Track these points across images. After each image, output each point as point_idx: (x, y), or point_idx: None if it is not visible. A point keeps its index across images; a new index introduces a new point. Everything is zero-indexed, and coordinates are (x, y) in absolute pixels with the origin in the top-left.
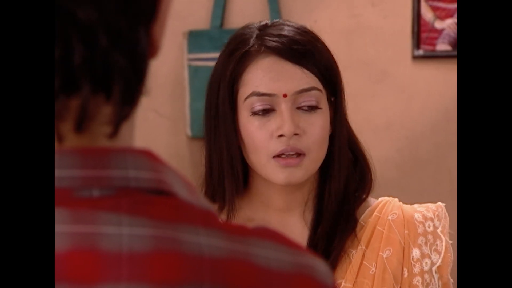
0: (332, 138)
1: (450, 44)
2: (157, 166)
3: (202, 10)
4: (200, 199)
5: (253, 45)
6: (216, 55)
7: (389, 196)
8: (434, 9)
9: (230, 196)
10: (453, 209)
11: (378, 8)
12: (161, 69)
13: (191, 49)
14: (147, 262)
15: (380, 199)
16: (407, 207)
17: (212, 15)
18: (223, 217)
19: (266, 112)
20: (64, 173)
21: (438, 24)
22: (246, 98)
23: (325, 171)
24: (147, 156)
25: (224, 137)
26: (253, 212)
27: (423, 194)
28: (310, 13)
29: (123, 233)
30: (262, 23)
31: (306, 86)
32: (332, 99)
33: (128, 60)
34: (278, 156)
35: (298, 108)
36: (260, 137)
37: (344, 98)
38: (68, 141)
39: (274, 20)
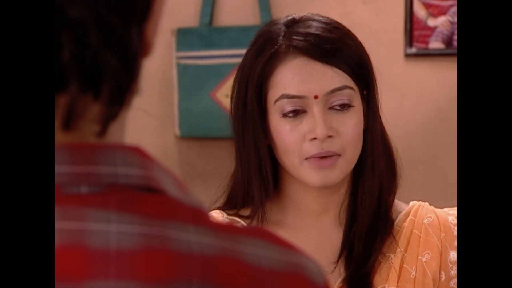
0: (365, 133)
1: (443, 42)
2: (146, 163)
3: (191, 7)
4: (190, 197)
5: (281, 45)
6: (205, 53)
7: None
8: (427, 6)
9: (259, 199)
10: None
11: (370, 6)
12: (149, 68)
13: (179, 47)
14: (135, 260)
15: (412, 203)
16: (439, 210)
17: (201, 12)
18: (250, 223)
19: (297, 114)
20: None
21: (431, 22)
22: (276, 100)
23: (358, 167)
24: (136, 153)
25: (252, 138)
26: (284, 216)
27: (415, 194)
28: (301, 11)
29: (111, 230)
30: (289, 18)
31: (337, 85)
32: (364, 92)
33: (119, 59)
34: (311, 157)
35: (330, 108)
36: (291, 140)
37: (377, 93)
38: (56, 139)
39: (303, 15)
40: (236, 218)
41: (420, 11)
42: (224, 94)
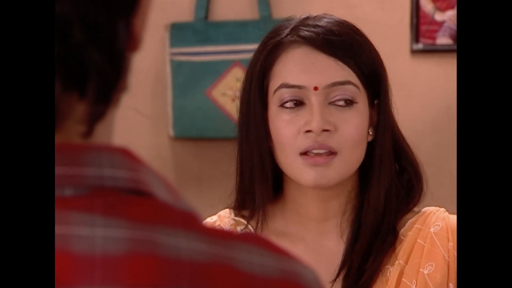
0: (374, 144)
1: (451, 37)
2: (134, 165)
3: (185, 1)
4: (181, 201)
5: (286, 35)
6: (201, 49)
7: None
8: (434, 0)
9: (261, 201)
10: (455, 213)
11: None
12: (141, 65)
13: (173, 43)
14: (121, 265)
15: (424, 209)
16: (452, 217)
17: (196, 6)
18: (253, 225)
19: (296, 105)
20: None
21: (439, 16)
22: (276, 90)
23: (365, 180)
24: (124, 154)
25: (255, 135)
26: (286, 222)
27: (422, 197)
28: (302, 4)
29: (96, 234)
30: (304, 16)
31: (340, 79)
32: (376, 101)
33: (104, 55)
34: (305, 153)
35: (331, 103)
36: (287, 133)
37: (390, 101)
38: None
39: (318, 14)
40: (242, 220)
41: (427, 5)
42: (220, 92)
